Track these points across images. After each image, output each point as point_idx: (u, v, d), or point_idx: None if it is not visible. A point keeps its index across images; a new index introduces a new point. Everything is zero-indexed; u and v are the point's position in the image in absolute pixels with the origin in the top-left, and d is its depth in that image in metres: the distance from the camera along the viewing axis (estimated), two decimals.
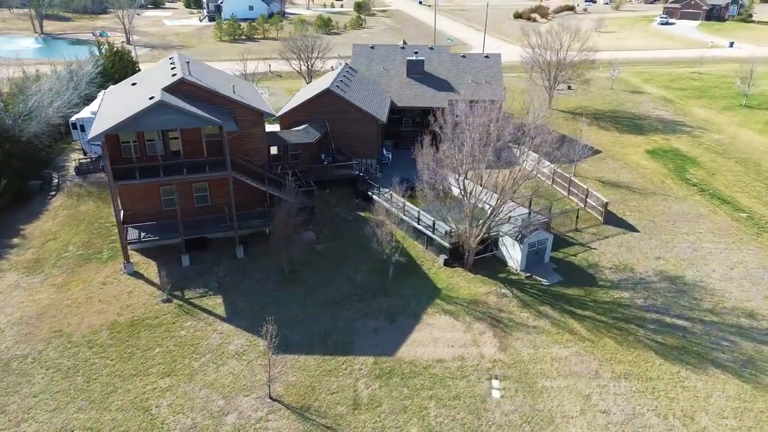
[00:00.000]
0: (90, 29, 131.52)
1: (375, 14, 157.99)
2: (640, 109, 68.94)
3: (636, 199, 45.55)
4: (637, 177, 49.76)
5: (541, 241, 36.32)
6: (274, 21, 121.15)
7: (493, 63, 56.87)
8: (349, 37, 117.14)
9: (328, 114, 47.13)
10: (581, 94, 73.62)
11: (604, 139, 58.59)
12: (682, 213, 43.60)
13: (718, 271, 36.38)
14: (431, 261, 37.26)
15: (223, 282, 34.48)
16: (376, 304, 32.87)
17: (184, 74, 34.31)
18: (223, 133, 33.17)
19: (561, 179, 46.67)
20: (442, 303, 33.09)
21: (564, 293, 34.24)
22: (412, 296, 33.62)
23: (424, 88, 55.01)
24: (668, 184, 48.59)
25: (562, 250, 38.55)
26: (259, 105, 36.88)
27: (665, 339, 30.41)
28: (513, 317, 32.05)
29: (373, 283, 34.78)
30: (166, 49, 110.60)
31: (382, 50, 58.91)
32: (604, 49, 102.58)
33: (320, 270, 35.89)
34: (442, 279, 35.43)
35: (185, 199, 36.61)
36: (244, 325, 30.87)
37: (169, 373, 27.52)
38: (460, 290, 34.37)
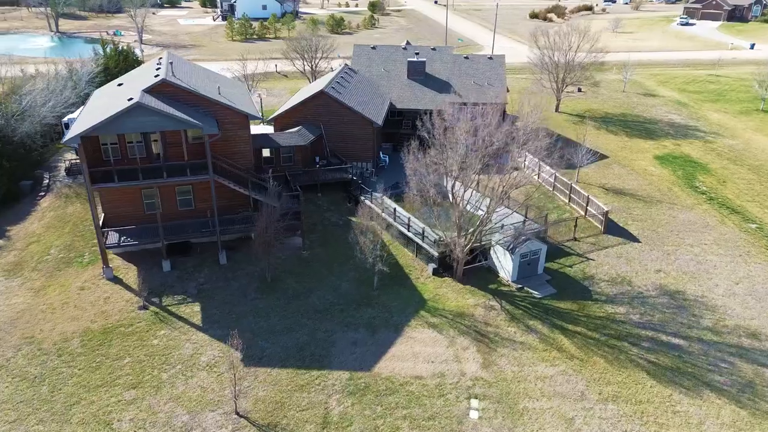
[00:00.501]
0: (105, 28, 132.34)
1: (389, 14, 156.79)
2: (651, 112, 66.73)
3: (640, 208, 43.72)
4: (643, 184, 47.86)
5: (534, 251, 34.81)
6: (286, 20, 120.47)
7: (497, 65, 55.31)
8: (361, 37, 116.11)
9: (323, 116, 46.07)
10: (591, 97, 71.65)
11: (611, 143, 56.66)
12: (687, 223, 41.69)
13: (722, 286, 34.52)
14: (420, 270, 35.98)
15: (203, 289, 33.58)
16: (358, 315, 31.69)
17: (166, 75, 33.46)
18: (205, 136, 32.24)
19: (562, 185, 45.02)
20: (427, 315, 31.79)
21: (556, 307, 32.71)
22: (397, 307, 32.38)
23: (424, 90, 53.68)
24: (675, 191, 46.63)
25: (557, 261, 36.99)
26: (245, 107, 35.91)
27: (659, 359, 28.76)
28: (500, 332, 30.63)
29: (358, 292, 33.60)
30: (177, 48, 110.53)
31: (383, 51, 57.68)
32: (618, 50, 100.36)
33: (304, 278, 34.82)
34: (430, 289, 34.13)
35: (168, 203, 35.83)
36: (219, 334, 29.89)
37: (135, 384, 26.64)
38: (447, 301, 33.04)
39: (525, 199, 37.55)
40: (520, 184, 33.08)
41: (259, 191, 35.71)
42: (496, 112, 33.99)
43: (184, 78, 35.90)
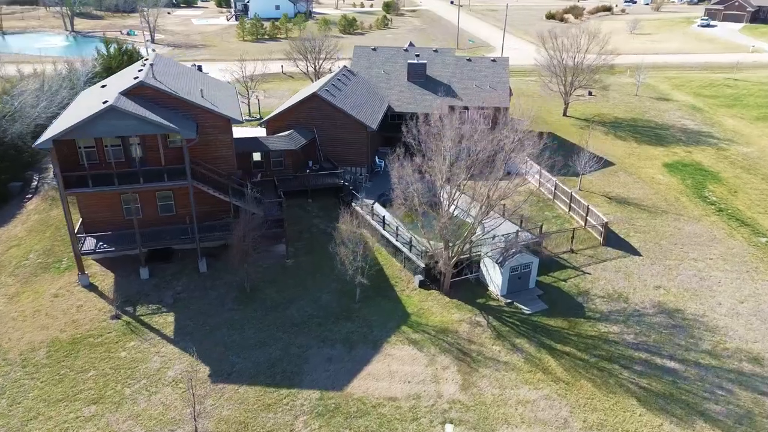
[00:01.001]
0: (119, 28, 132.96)
1: (404, 14, 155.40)
2: (664, 117, 64.34)
3: (644, 218, 41.71)
4: (649, 193, 45.79)
5: (525, 264, 33.14)
6: (297, 21, 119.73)
7: (500, 67, 53.57)
8: (373, 38, 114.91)
9: (316, 119, 44.89)
10: (601, 101, 69.48)
11: (619, 149, 54.58)
12: (693, 235, 39.61)
13: (725, 304, 32.51)
14: (406, 281, 34.55)
15: (180, 298, 32.55)
16: (336, 329, 30.36)
17: (145, 77, 32.50)
18: (183, 140, 31.21)
19: (563, 194, 43.21)
20: (409, 331, 30.34)
21: (545, 324, 31.03)
22: (378, 321, 30.98)
23: (424, 93, 52.17)
24: (683, 202, 44.49)
25: (551, 274, 35.26)
26: (227, 110, 34.81)
27: (651, 384, 26.94)
28: (483, 350, 29.06)
29: (339, 304, 32.29)
30: (188, 48, 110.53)
31: (384, 52, 56.30)
32: (635, 52, 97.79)
33: (285, 288, 33.61)
34: (414, 303, 32.67)
35: (149, 208, 34.90)
36: (190, 347, 28.74)
37: (97, 399, 25.64)
38: (431, 316, 31.56)
39: (514, 210, 35.59)
40: (507, 195, 31.31)
41: (240, 198, 34.60)
42: (485, 117, 32.34)
43: (167, 80, 34.94)
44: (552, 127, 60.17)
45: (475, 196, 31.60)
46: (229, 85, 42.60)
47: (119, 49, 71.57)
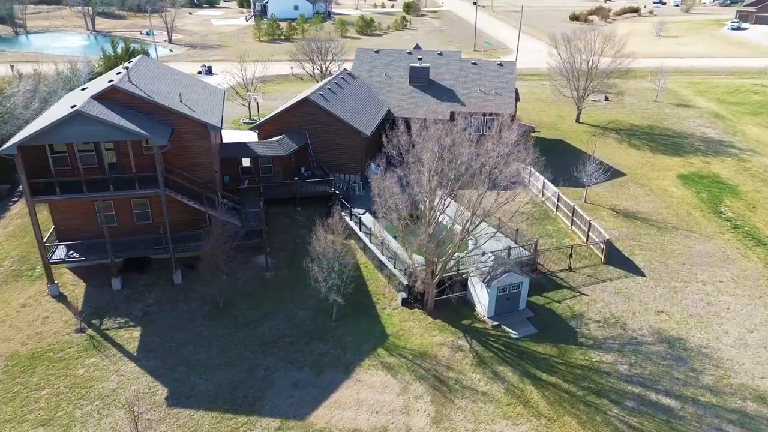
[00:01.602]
0: (140, 27, 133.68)
1: (424, 15, 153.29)
2: (683, 125, 61.12)
3: (652, 235, 39.05)
4: (660, 207, 43.03)
5: (515, 284, 30.94)
6: (314, 21, 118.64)
7: (506, 72, 51.25)
8: (390, 39, 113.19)
9: (309, 125, 43.28)
10: (618, 107, 66.49)
11: (632, 159, 51.76)
12: (704, 254, 36.85)
13: (732, 333, 29.83)
14: (389, 299, 32.66)
15: (149, 311, 31.21)
16: (308, 350, 28.63)
17: (120, 81, 31.25)
18: (154, 147, 29.86)
19: (566, 206, 40.77)
20: (384, 354, 28.44)
21: (533, 350, 28.81)
22: (353, 343, 29.16)
23: (426, 98, 50.17)
24: (696, 217, 41.64)
25: (545, 294, 32.99)
26: (205, 115, 33.39)
27: (643, 423, 24.56)
28: (462, 378, 27.00)
29: (315, 323, 30.57)
30: (203, 48, 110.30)
31: (386, 55, 54.45)
32: (658, 55, 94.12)
33: (260, 303, 32.03)
34: (395, 323, 30.75)
35: (124, 216, 33.71)
36: (152, 366, 27.39)
37: (45, 421, 24.35)
38: (410, 338, 29.61)
39: (501, 227, 33.21)
40: (491, 212, 29.15)
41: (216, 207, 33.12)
42: (477, 126, 30.21)
43: (146, 83, 33.72)
44: (563, 134, 57.62)
45: (459, 211, 29.49)
46: (218, 89, 41.26)
47: (126, 50, 71.16)
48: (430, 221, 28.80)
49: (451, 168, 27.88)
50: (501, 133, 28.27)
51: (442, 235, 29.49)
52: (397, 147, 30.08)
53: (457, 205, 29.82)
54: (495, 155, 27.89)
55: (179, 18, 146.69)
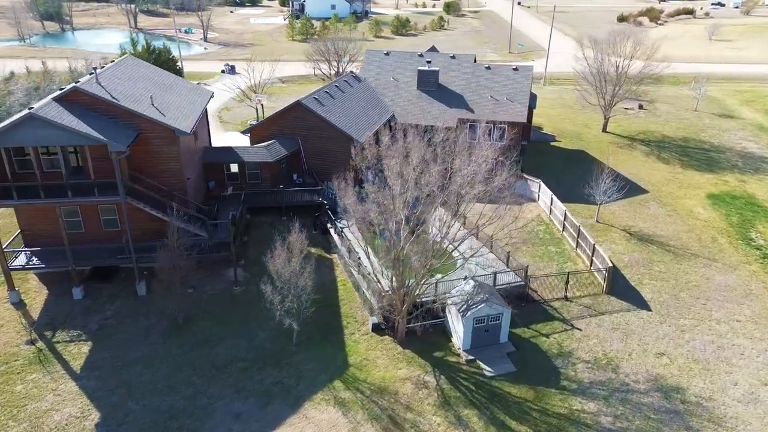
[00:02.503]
0: (179, 25, 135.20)
1: (464, 15, 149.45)
2: (722, 138, 55.96)
3: (666, 262, 35.09)
4: (681, 230, 38.86)
5: (494, 315, 27.86)
6: (348, 21, 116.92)
7: (521, 77, 47.75)
8: (424, 39, 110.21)
9: (301, 130, 41.18)
10: (651, 116, 61.68)
11: (658, 174, 47.41)
12: (723, 288, 32.72)
13: (742, 385, 25.91)
14: (360, 322, 30.13)
15: (105, 325, 29.72)
16: (259, 377, 26.44)
17: (84, 82, 29.90)
18: (112, 153, 28.30)
19: (572, 226, 37.21)
20: (340, 387, 25.95)
21: (507, 392, 25.72)
22: (310, 372, 26.79)
23: (433, 104, 47.30)
24: (721, 243, 37.32)
25: (533, 326, 29.75)
26: (177, 120, 31.68)
27: None
28: (420, 421, 24.23)
29: (274, 346, 28.36)
30: (236, 47, 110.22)
31: (396, 57, 51.80)
32: (707, 60, 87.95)
33: (222, 321, 30.08)
34: (360, 351, 28.21)
35: (91, 223, 32.40)
36: (92, 387, 25.79)
37: None
38: (373, 370, 27.00)
39: (468, 254, 29.93)
40: (466, 236, 26.22)
41: (182, 218, 31.38)
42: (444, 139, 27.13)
43: (120, 85, 32.37)
44: (586, 145, 53.61)
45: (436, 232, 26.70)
46: (205, 91, 39.59)
47: (147, 47, 70.92)
48: (396, 245, 26.08)
49: (415, 189, 25.08)
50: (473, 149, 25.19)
51: (413, 260, 26.74)
52: (365, 160, 27.49)
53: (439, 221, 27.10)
54: (466, 174, 24.88)
55: (220, 16, 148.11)
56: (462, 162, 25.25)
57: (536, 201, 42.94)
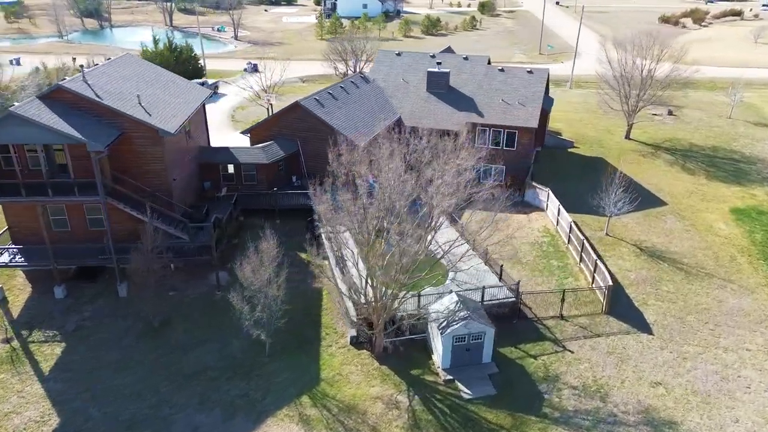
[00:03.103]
0: (213, 24, 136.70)
1: (499, 15, 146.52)
2: (755, 148, 52.49)
3: (676, 282, 32.70)
4: (698, 246, 36.26)
5: (476, 334, 26.22)
6: (377, 20, 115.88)
7: (536, 81, 45.63)
8: (454, 40, 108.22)
9: (300, 131, 40.26)
10: (680, 123, 58.45)
11: (680, 185, 44.63)
12: (736, 312, 30.21)
13: (744, 423, 23.60)
14: (340, 334, 28.93)
15: (82, 326, 29.35)
16: (226, 389, 25.53)
17: (69, 81, 29.60)
18: (91, 153, 27.89)
19: (577, 239, 35.13)
20: (307, 404, 24.79)
21: (483, 417, 24.10)
22: (279, 385, 25.74)
23: (441, 106, 45.68)
24: (740, 263, 34.62)
25: (521, 346, 27.97)
26: (163, 120, 31.08)
27: None
28: None
29: (247, 356, 27.43)
30: (264, 45, 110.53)
31: (408, 58, 50.35)
32: (750, 65, 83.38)
33: (199, 326, 29.34)
34: (334, 365, 27.00)
35: (78, 222, 32.14)
36: (57, 389, 25.37)
37: None
38: (345, 386, 25.75)
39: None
40: (423, 252, 24.58)
41: (165, 219, 30.79)
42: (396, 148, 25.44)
43: (110, 83, 32.06)
44: (606, 152, 51.02)
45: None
46: (203, 90, 39.00)
47: (168, 45, 71.41)
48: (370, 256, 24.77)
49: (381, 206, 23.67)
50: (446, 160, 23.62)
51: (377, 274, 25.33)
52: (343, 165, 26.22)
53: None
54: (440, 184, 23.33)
55: (253, 15, 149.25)
56: (435, 172, 23.71)
57: (544, 210, 40.89)
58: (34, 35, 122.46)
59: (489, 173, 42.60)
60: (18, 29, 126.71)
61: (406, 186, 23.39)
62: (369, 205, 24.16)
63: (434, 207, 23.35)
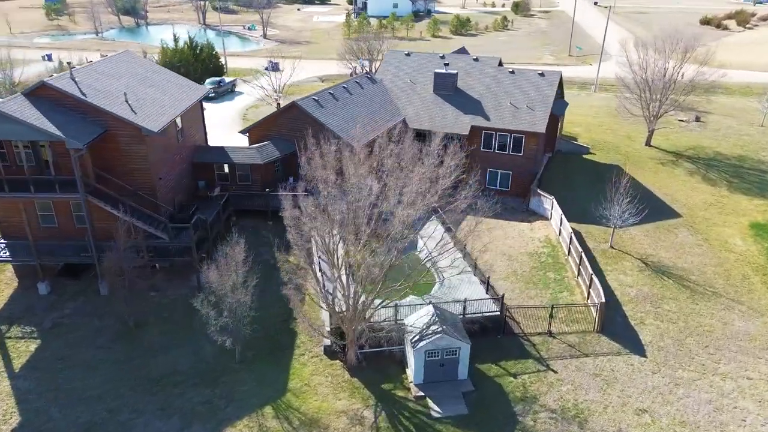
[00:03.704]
0: (245, 22, 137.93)
1: (534, 15, 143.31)
2: None
3: (680, 300, 30.65)
4: (709, 263, 34.02)
5: (450, 349, 24.95)
6: (405, 19, 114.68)
7: (547, 84, 43.77)
8: (483, 40, 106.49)
9: (297, 131, 39.33)
10: (708, 130, 55.44)
11: (698, 196, 42.14)
12: (741, 336, 28.06)
13: None
14: (315, 342, 28.04)
15: (60, 323, 29.28)
16: (189, 395, 24.94)
17: (55, 77, 29.58)
18: (70, 150, 27.75)
19: (576, 251, 33.36)
20: (269, 414, 23.99)
21: None
22: (244, 394, 25.02)
23: (447, 109, 44.28)
24: (753, 282, 32.29)
25: (502, 363, 26.56)
26: (149, 118, 30.75)
27: None
28: None
29: (218, 362, 26.80)
30: (291, 44, 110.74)
31: (417, 59, 49.06)
32: None
33: (174, 329, 28.90)
34: (304, 375, 26.13)
35: (64, 218, 32.13)
36: (24, 388, 25.25)
37: None
38: (312, 398, 24.86)
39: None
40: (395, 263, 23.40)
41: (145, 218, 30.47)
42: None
43: (99, 81, 31.98)
44: (624, 160, 48.57)
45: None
46: (198, 90, 38.59)
47: (189, 43, 71.80)
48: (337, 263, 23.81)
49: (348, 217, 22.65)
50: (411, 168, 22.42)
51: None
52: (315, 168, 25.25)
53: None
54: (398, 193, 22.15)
55: (285, 14, 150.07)
56: (396, 180, 22.55)
57: (549, 219, 39.13)
58: (72, 32, 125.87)
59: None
60: (57, 26, 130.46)
61: (371, 194, 22.24)
62: (332, 211, 23.10)
63: (396, 217, 22.18)
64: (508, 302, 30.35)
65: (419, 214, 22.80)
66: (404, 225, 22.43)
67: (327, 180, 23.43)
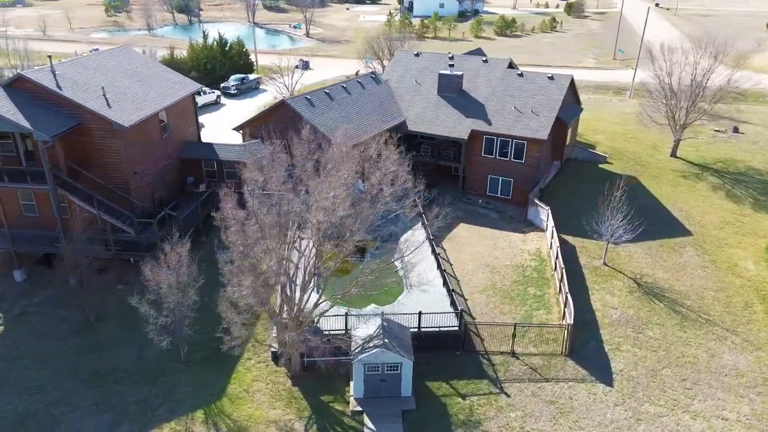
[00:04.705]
0: (292, 21, 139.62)
1: (587, 16, 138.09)
2: None
3: (666, 326, 28.07)
4: (710, 287, 31.08)
5: (392, 365, 23.62)
6: (448, 20, 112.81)
7: (555, 88, 41.38)
8: (528, 41, 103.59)
9: (287, 130, 38.86)
10: (743, 142, 51.17)
11: (716, 214, 38.76)
12: (727, 371, 25.33)
13: None
14: (265, 348, 27.29)
15: (28, 311, 29.78)
16: (125, 394, 24.69)
17: (33, 70, 30.16)
18: (39, 142, 28.18)
19: (560, 267, 31.22)
20: (199, 419, 23.42)
21: None
22: (181, 396, 24.57)
23: (449, 111, 42.61)
24: (754, 312, 29.22)
25: (453, 382, 24.99)
26: (124, 113, 30.86)
27: None
28: None
29: (162, 361, 26.46)
30: (331, 43, 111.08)
31: (425, 59, 47.56)
32: None
33: (131, 324, 28.58)
34: (245, 380, 25.43)
35: (45, 209, 32.68)
36: None
37: None
38: (246, 405, 24.12)
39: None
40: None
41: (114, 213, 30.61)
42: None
43: (83, 74, 32.44)
44: (643, 170, 45.38)
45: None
46: (188, 86, 38.55)
47: (219, 40, 72.72)
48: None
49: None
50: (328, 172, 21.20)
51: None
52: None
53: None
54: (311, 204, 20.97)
55: (333, 13, 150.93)
56: (317, 188, 21.42)
57: (544, 231, 36.95)
58: (128, 28, 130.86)
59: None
60: (114, 22, 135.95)
61: (293, 201, 21.27)
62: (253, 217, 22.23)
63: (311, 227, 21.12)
64: (478, 317, 28.82)
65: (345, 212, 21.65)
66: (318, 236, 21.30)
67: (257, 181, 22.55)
